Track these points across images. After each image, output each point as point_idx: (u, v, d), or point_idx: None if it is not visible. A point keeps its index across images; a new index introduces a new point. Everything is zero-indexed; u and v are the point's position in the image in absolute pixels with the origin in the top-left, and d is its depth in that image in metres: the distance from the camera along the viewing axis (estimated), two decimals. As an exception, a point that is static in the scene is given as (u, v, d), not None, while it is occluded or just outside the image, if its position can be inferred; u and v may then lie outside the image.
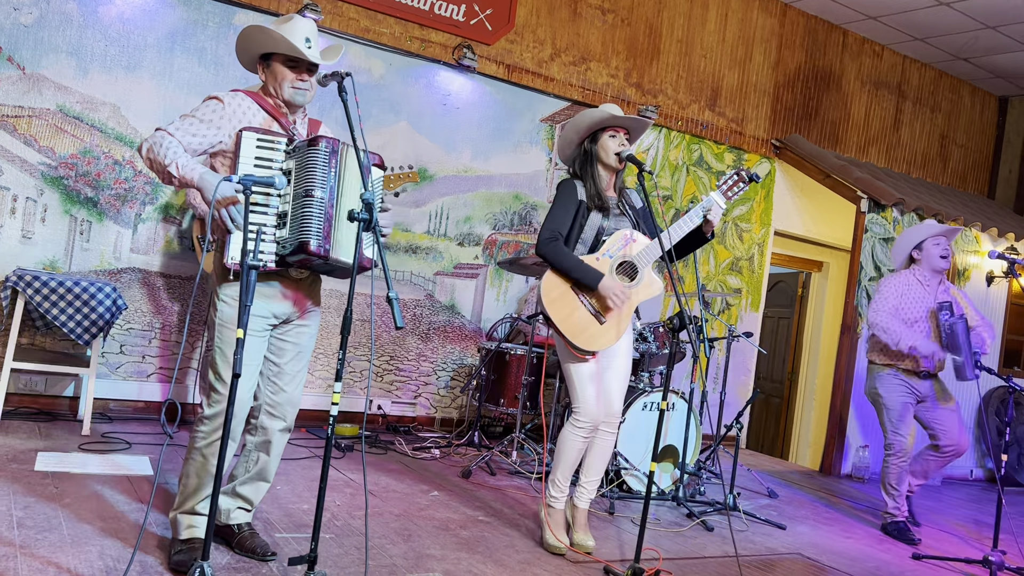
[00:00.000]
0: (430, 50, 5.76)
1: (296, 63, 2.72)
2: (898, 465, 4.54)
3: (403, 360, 5.82)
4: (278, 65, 2.73)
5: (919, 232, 4.58)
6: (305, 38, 2.69)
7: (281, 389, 2.79)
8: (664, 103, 6.79)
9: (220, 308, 2.64)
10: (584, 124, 3.44)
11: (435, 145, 5.88)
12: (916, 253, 4.59)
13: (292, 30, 2.69)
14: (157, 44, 4.99)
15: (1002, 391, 7.26)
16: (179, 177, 2.54)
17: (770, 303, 8.13)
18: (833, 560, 3.86)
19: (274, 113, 2.74)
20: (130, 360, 4.96)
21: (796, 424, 8.22)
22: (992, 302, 7.31)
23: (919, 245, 4.57)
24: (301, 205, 2.55)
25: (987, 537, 4.78)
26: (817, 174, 7.00)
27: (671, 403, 4.73)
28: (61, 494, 3.25)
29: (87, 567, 2.55)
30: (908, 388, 4.54)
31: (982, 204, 8.39)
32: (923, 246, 4.55)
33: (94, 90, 4.83)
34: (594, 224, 3.39)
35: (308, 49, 2.69)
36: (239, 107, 2.70)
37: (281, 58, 2.72)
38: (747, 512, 4.47)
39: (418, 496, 3.98)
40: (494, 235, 6.14)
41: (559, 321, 3.30)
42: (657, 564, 3.30)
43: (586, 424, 3.37)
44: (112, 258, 4.91)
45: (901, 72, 8.24)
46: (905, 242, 4.64)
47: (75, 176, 4.79)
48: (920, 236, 4.56)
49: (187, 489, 2.68)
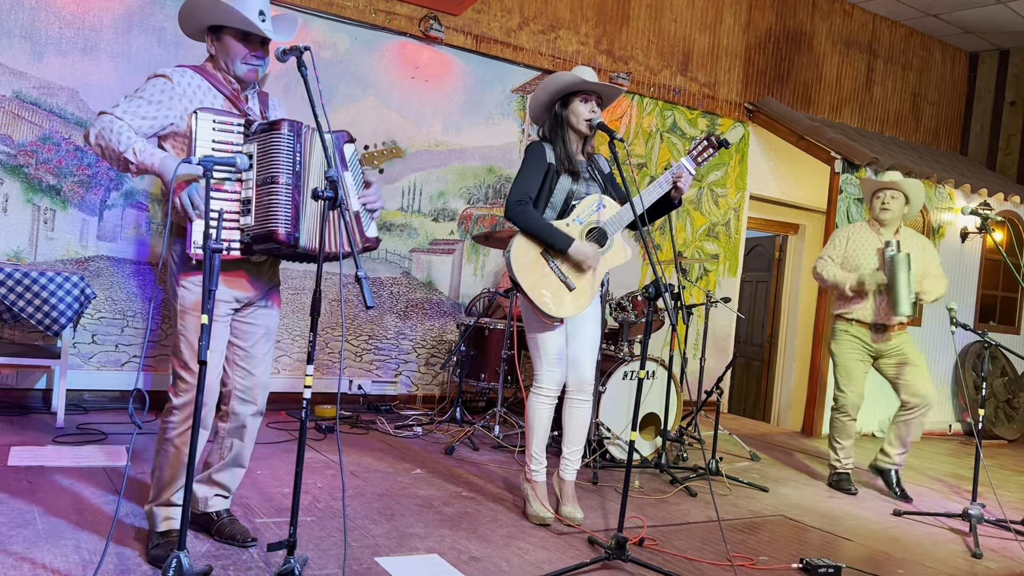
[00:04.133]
0: (395, 22, 5.65)
1: (249, 37, 2.59)
2: (842, 420, 4.62)
3: (382, 339, 5.78)
4: (229, 39, 2.59)
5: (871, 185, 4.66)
6: (259, 11, 2.57)
7: (250, 373, 2.74)
8: (635, 70, 6.72)
9: (182, 295, 2.57)
10: (555, 87, 3.38)
11: (405, 120, 5.79)
12: (869, 204, 4.69)
13: (244, 2, 2.55)
14: (114, 25, 4.85)
15: (978, 346, 7.34)
16: (137, 163, 2.42)
17: (748, 267, 8.15)
18: (816, 520, 3.89)
19: (230, 96, 2.63)
20: (103, 349, 4.88)
21: (777, 387, 8.28)
22: (967, 258, 7.36)
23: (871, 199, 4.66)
24: (267, 192, 2.46)
25: (966, 490, 4.85)
26: (791, 136, 6.98)
27: (652, 371, 4.73)
28: (35, 488, 3.20)
29: (63, 561, 2.51)
30: (860, 344, 4.59)
31: (955, 160, 8.42)
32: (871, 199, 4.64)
33: (51, 75, 4.70)
34: (564, 188, 3.36)
35: (263, 23, 2.58)
36: (189, 85, 2.57)
37: (233, 31, 2.59)
38: (730, 476, 4.49)
39: (400, 475, 3.96)
40: (469, 209, 6.08)
41: (528, 287, 3.27)
42: (641, 532, 3.31)
43: (549, 391, 3.38)
44: (79, 246, 4.81)
45: (872, 31, 8.21)
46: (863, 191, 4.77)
47: (36, 164, 4.67)
48: (870, 189, 4.65)
49: (161, 481, 2.63)
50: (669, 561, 3.05)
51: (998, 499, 4.55)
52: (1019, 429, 7.44)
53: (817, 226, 7.85)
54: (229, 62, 2.61)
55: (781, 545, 3.44)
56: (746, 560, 3.16)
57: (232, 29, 2.59)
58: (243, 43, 2.59)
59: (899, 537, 3.74)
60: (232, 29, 2.59)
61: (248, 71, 2.62)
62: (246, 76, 2.63)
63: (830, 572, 3.05)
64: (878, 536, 3.72)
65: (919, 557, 3.44)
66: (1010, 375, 7.52)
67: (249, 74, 2.63)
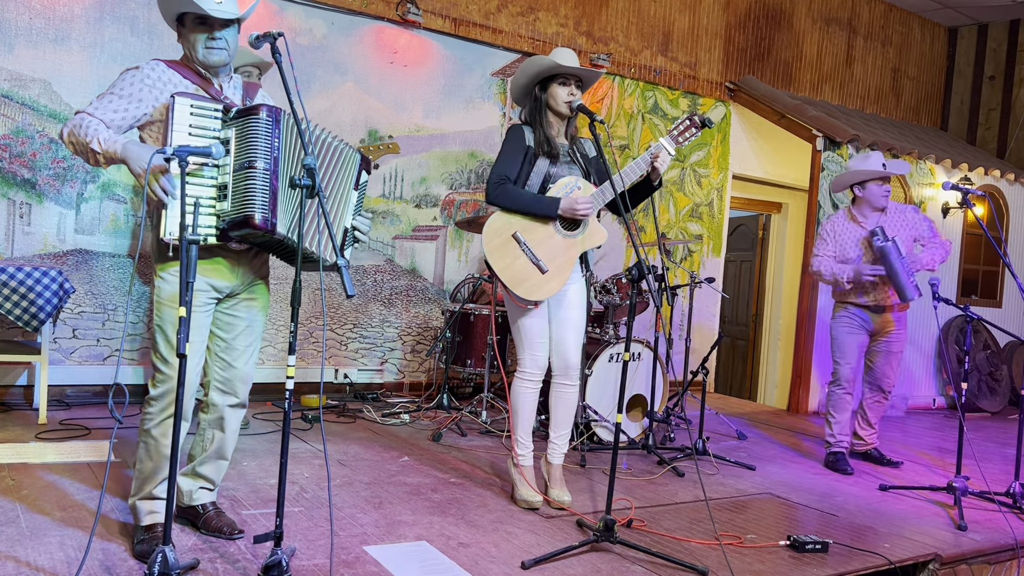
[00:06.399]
0: (372, 7, 5.59)
1: (206, 21, 2.55)
2: (837, 394, 4.65)
3: (367, 327, 5.75)
4: (190, 25, 2.57)
5: (863, 173, 4.57)
6: None
7: (230, 365, 2.72)
8: (616, 51, 6.69)
9: (159, 286, 2.54)
10: (533, 71, 3.36)
11: (384, 105, 5.74)
12: (858, 190, 4.61)
13: None
14: (85, 14, 4.77)
15: (960, 320, 7.39)
16: (102, 152, 2.42)
17: (732, 247, 8.16)
18: (803, 497, 3.92)
19: (201, 85, 2.60)
20: (84, 344, 4.83)
21: (762, 365, 8.32)
22: (948, 233, 7.39)
23: (863, 183, 4.59)
24: (244, 177, 2.44)
25: (951, 464, 4.89)
26: (772, 115, 6.98)
27: (637, 353, 4.73)
28: (18, 486, 3.16)
29: (47, 559, 2.48)
30: (858, 321, 4.61)
31: (935, 136, 8.45)
32: (867, 185, 4.58)
33: (22, 66, 4.62)
34: (540, 170, 3.34)
35: (218, 5, 2.53)
36: (160, 77, 2.55)
37: (191, 17, 2.56)
38: (717, 456, 4.51)
39: (388, 463, 3.95)
40: (451, 195, 6.05)
41: (500, 270, 3.26)
42: (629, 513, 3.32)
43: (533, 375, 3.38)
44: (56, 241, 4.75)
45: (851, 7, 8.21)
46: (847, 178, 4.65)
47: (9, 157, 4.60)
48: (863, 177, 4.57)
49: (143, 473, 2.61)
50: (658, 542, 3.06)
51: (982, 472, 4.60)
52: (1002, 402, 7.52)
53: (800, 204, 7.87)
54: (192, 49, 2.59)
55: (769, 523, 3.46)
56: (734, 539, 3.17)
57: (190, 15, 2.57)
58: (202, 27, 2.56)
59: (885, 511, 3.77)
60: (190, 15, 2.57)
61: (209, 55, 2.57)
62: (209, 60, 2.58)
63: (817, 548, 3.08)
64: (864, 511, 3.75)
65: (905, 531, 3.47)
66: (992, 348, 7.59)
67: (211, 58, 2.58)
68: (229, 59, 2.63)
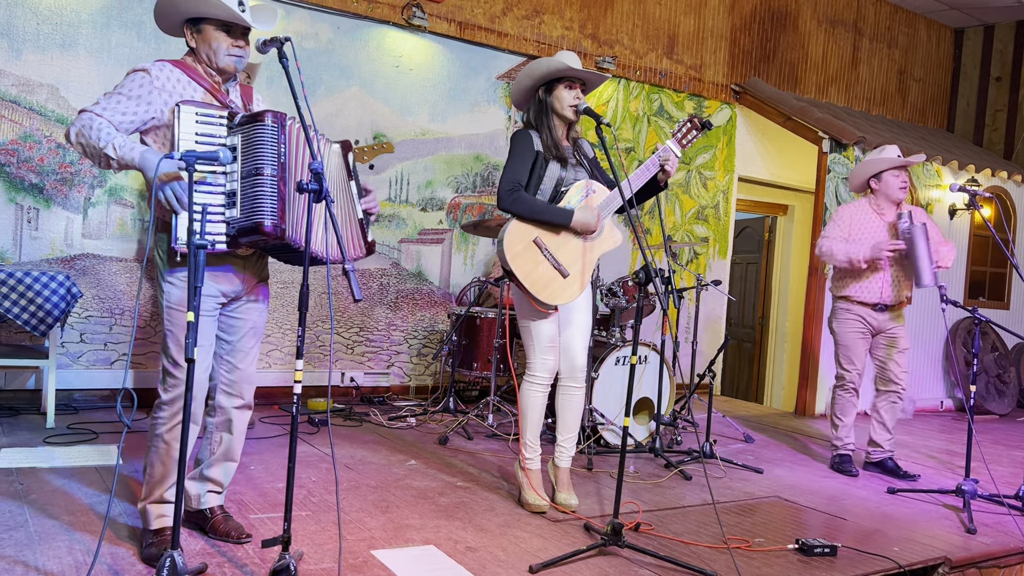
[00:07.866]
0: (378, 11, 5.60)
1: (231, 28, 2.57)
2: (844, 396, 4.61)
3: (373, 331, 5.75)
4: (211, 30, 2.57)
5: (880, 162, 4.55)
6: (238, 0, 2.56)
7: (235, 367, 2.72)
8: (621, 53, 6.69)
9: (168, 291, 2.55)
10: (538, 73, 3.35)
11: (390, 109, 5.75)
12: (875, 182, 4.58)
13: None
14: (92, 20, 4.79)
15: (968, 322, 7.37)
16: (118, 159, 2.41)
17: (738, 249, 8.15)
18: (811, 500, 3.90)
19: (210, 89, 2.61)
20: (91, 348, 4.85)
21: (769, 368, 8.30)
22: (955, 234, 7.37)
23: (878, 175, 4.57)
24: (252, 184, 2.44)
25: (959, 466, 4.88)
26: (778, 117, 6.97)
27: (644, 356, 4.72)
28: (27, 490, 3.17)
29: (56, 563, 2.49)
30: (862, 322, 4.57)
31: (942, 138, 8.43)
32: (882, 176, 4.55)
33: (29, 72, 4.64)
34: (553, 175, 3.33)
35: (243, 12, 2.55)
36: (168, 79, 2.55)
37: (214, 23, 2.57)
38: (724, 459, 4.50)
39: (395, 466, 3.95)
40: (457, 198, 6.05)
41: (523, 276, 3.24)
42: (637, 517, 3.31)
43: (543, 379, 3.37)
44: (64, 245, 4.77)
45: (857, 9, 8.19)
46: (865, 169, 4.62)
47: (17, 162, 4.62)
48: (880, 167, 4.55)
49: (153, 478, 2.61)
50: (665, 545, 3.06)
51: (991, 474, 4.58)
52: (1010, 404, 7.49)
53: (806, 207, 7.86)
54: (212, 54, 2.59)
55: (777, 526, 3.45)
56: (742, 542, 3.16)
57: (213, 20, 2.57)
58: (225, 34, 2.58)
59: (894, 515, 3.75)
60: (213, 20, 2.57)
61: (231, 62, 2.60)
62: (229, 67, 2.61)
63: (826, 552, 3.06)
64: (873, 514, 3.73)
65: (914, 534, 3.46)
66: (1000, 350, 7.56)
67: (231, 65, 2.61)
68: (244, 65, 2.65)
